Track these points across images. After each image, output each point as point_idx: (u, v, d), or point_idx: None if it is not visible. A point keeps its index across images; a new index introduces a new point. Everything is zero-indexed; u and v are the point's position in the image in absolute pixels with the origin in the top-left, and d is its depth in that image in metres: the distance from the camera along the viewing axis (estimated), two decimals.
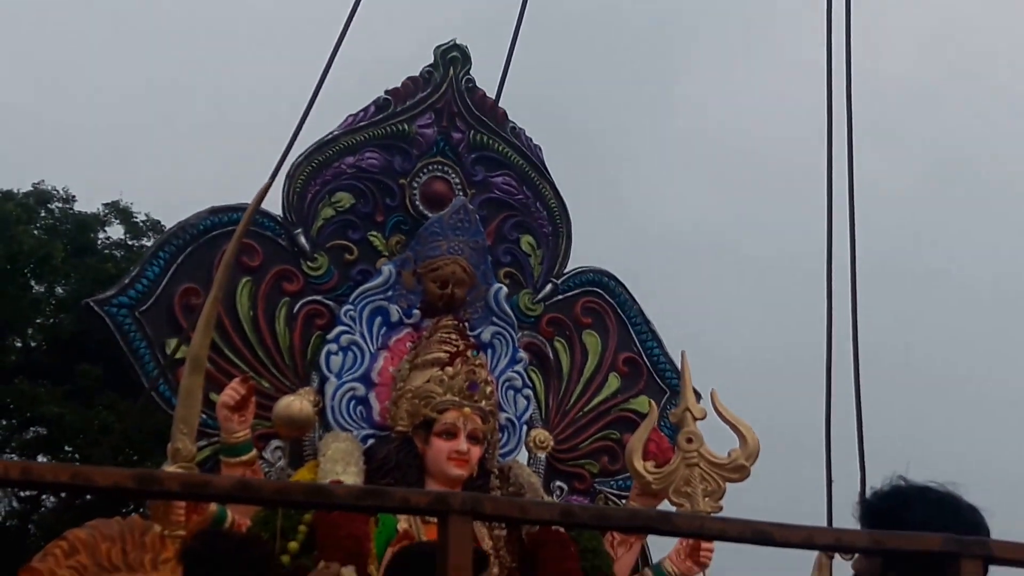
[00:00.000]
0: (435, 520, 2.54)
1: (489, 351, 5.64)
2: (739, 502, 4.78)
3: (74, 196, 17.84)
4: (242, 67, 31.00)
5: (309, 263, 5.62)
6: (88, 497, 14.70)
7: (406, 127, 5.88)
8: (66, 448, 15.84)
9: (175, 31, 31.58)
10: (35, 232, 16.88)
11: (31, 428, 17.15)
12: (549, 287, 6.08)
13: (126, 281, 5.39)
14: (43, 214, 17.61)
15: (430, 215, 5.66)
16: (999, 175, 27.94)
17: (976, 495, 3.01)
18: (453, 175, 5.90)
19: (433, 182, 5.86)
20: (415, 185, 5.84)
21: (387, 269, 5.60)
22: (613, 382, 6.06)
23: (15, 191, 17.17)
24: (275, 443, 5.27)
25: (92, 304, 5.33)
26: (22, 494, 17.50)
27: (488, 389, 5.22)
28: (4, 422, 17.38)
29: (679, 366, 5.57)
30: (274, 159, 5.44)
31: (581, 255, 6.26)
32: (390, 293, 5.57)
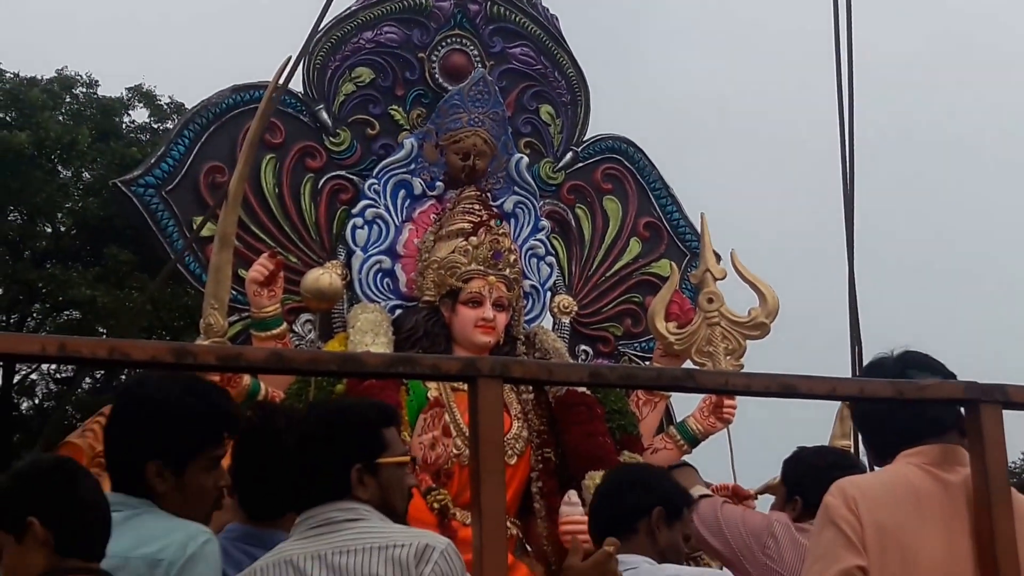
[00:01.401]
0: (464, 388, 2.61)
1: (512, 220, 5.71)
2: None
3: (97, 81, 17.85)
4: None
5: (332, 139, 5.67)
6: (123, 377, 14.96)
7: (423, 0, 5.88)
8: (99, 330, 16.04)
9: None
10: (60, 118, 16.91)
11: (64, 312, 17.37)
12: (569, 155, 6.13)
13: (152, 161, 5.46)
14: (68, 100, 17.63)
15: (450, 88, 5.68)
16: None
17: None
18: (471, 47, 5.91)
19: (452, 55, 5.88)
20: (434, 58, 5.86)
21: (409, 142, 5.65)
22: (634, 246, 6.13)
23: (39, 77, 17.17)
24: (305, 316, 5.38)
25: (119, 185, 5.41)
26: (59, 375, 17.80)
27: (512, 257, 5.30)
28: (38, 306, 17.61)
29: (699, 229, 5.65)
30: (295, 37, 5.47)
31: (599, 127, 6.30)
32: (413, 166, 5.63)
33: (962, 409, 2.87)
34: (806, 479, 3.77)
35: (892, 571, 2.73)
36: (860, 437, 3.08)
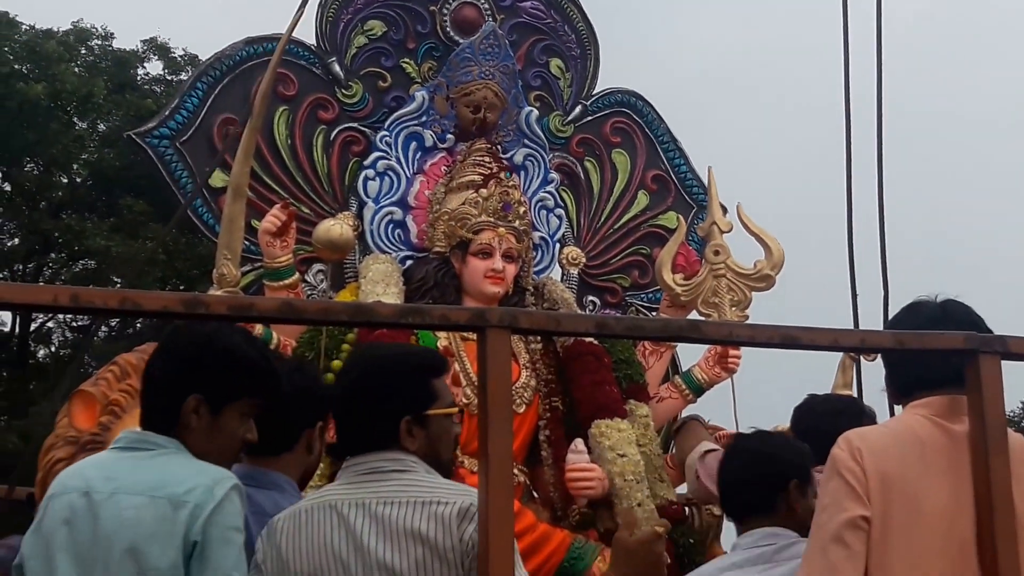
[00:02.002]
0: (474, 337, 2.64)
1: (522, 173, 5.75)
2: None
3: (113, 33, 17.89)
4: None
5: (344, 91, 5.71)
6: (139, 326, 15.07)
7: None
8: (114, 279, 16.13)
9: None
10: (76, 70, 16.93)
11: (79, 261, 17.46)
12: (579, 109, 6.17)
13: (166, 113, 5.51)
14: (83, 52, 17.65)
15: (461, 41, 5.71)
16: None
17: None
18: (482, 0, 5.93)
19: (463, 8, 5.90)
20: (445, 12, 5.88)
21: (420, 95, 5.69)
22: (642, 199, 6.18)
23: (55, 30, 17.19)
24: (317, 267, 5.44)
25: (134, 136, 5.46)
26: (75, 324, 17.92)
27: (521, 209, 5.35)
28: (53, 255, 17.71)
29: (706, 183, 5.69)
30: None
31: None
32: (424, 119, 5.66)
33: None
34: (814, 426, 3.82)
35: (897, 520, 2.78)
36: (885, 376, 3.10)
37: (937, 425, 2.90)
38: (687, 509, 4.99)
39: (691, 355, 5.64)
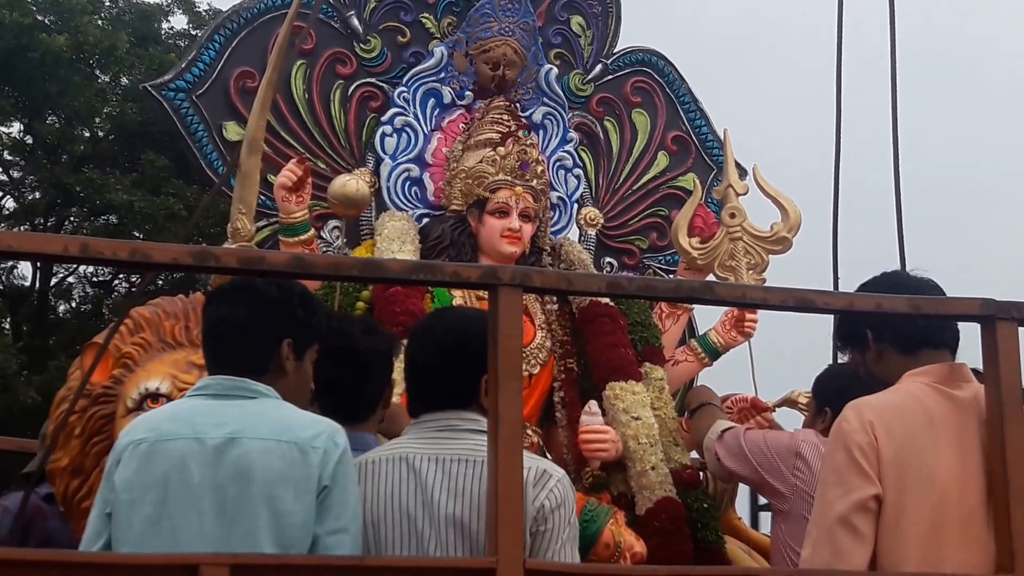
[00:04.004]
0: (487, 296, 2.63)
1: (540, 131, 5.70)
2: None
3: None
4: None
5: (362, 45, 5.67)
6: (160, 282, 15.09)
7: None
8: (136, 235, 16.15)
9: None
10: (99, 23, 16.90)
11: (101, 216, 17.48)
12: (599, 67, 6.10)
13: (182, 65, 5.47)
14: (107, 4, 17.62)
15: None
16: None
17: None
18: None
19: None
20: None
21: (439, 51, 5.64)
22: (662, 160, 6.12)
23: None
24: (333, 223, 5.41)
25: (149, 88, 5.43)
26: (96, 279, 17.96)
27: (539, 168, 5.30)
28: (75, 210, 17.72)
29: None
30: None
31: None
32: (442, 75, 5.62)
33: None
34: (836, 391, 3.80)
35: (912, 493, 2.77)
36: (881, 334, 3.08)
37: (941, 392, 2.91)
38: (701, 474, 4.98)
39: (708, 320, 5.62)
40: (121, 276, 18.04)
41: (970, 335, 2.92)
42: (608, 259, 5.93)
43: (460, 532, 2.76)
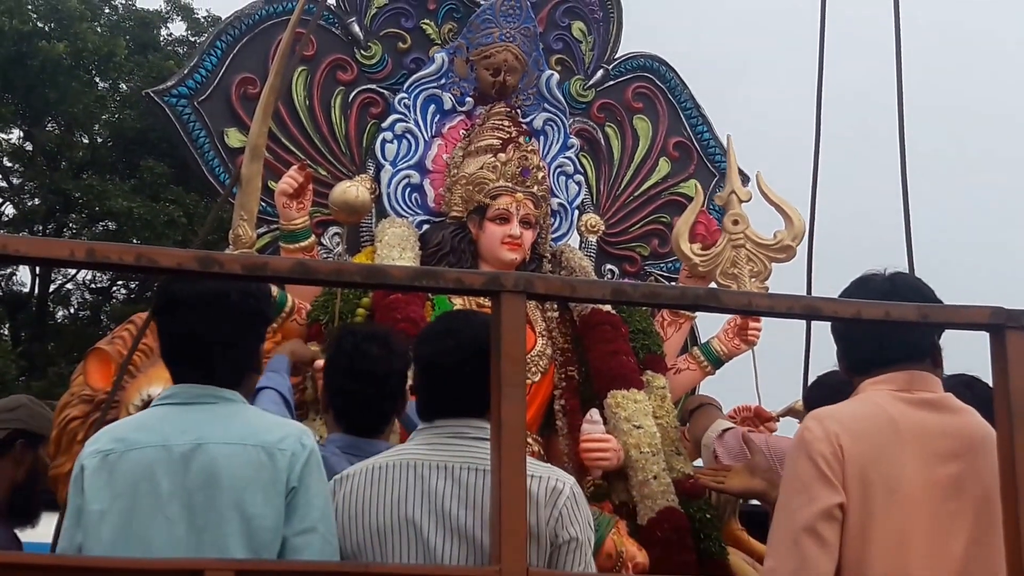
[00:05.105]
0: (489, 303, 2.62)
1: (541, 137, 5.68)
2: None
3: None
4: None
5: (363, 52, 5.65)
6: (156, 287, 15.09)
7: None
8: (135, 241, 16.15)
9: None
10: (98, 29, 16.92)
11: (100, 223, 17.49)
12: (600, 73, 6.08)
13: (185, 71, 5.47)
14: (106, 11, 17.64)
15: (482, 2, 5.63)
16: None
17: None
18: None
19: None
20: None
21: (440, 57, 5.63)
22: (663, 166, 6.09)
23: None
24: (333, 229, 5.39)
25: (152, 94, 5.42)
26: (94, 285, 17.96)
27: (540, 175, 5.29)
28: (74, 216, 17.73)
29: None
30: None
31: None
32: (443, 81, 5.61)
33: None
34: (824, 399, 3.78)
35: (876, 502, 2.75)
36: (838, 352, 3.08)
37: (904, 400, 2.89)
38: None
39: (710, 328, 5.59)
40: (120, 283, 18.05)
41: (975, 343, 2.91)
42: (609, 266, 5.91)
43: (471, 543, 2.74)
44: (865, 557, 2.72)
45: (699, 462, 4.94)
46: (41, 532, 3.75)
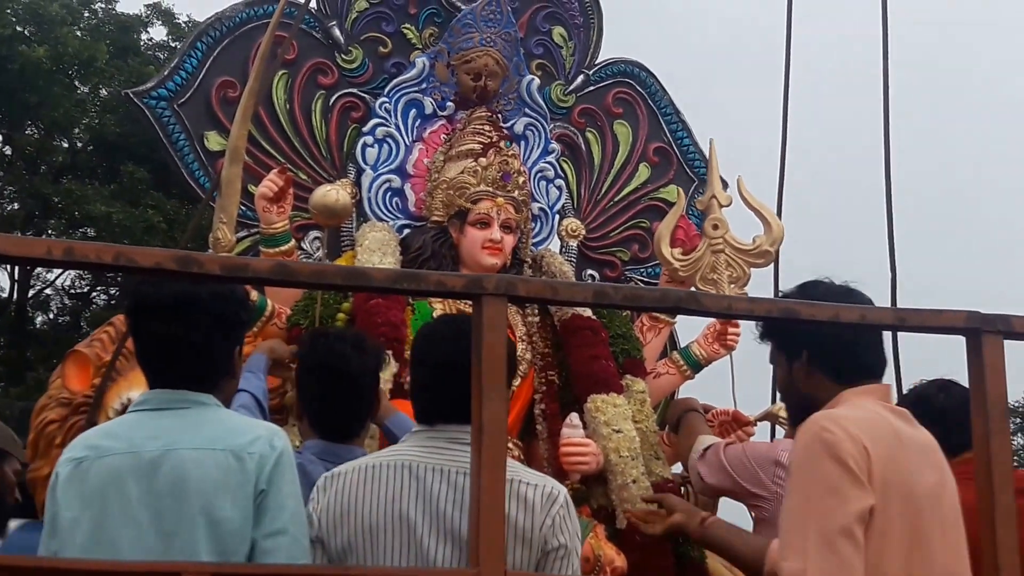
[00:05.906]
0: (470, 305, 2.62)
1: (522, 142, 5.69)
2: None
3: None
4: None
5: (344, 56, 5.65)
6: (127, 288, 15.04)
7: None
8: None
9: None
10: (79, 34, 16.89)
11: (80, 228, 17.44)
12: (581, 78, 6.09)
13: (164, 74, 5.45)
14: (86, 16, 17.60)
15: (463, 7, 5.64)
16: None
17: None
18: None
19: None
20: None
21: (421, 61, 5.63)
22: (643, 171, 6.10)
23: None
24: (314, 234, 5.39)
25: (131, 96, 5.40)
26: (74, 291, 17.90)
27: (521, 179, 5.29)
28: (53, 221, 17.67)
29: (708, 155, 5.63)
30: None
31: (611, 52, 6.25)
32: (424, 85, 5.60)
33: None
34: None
35: (895, 507, 2.75)
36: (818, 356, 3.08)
37: (891, 411, 2.91)
38: (683, 488, 4.96)
39: (689, 333, 5.60)
40: (99, 288, 17.98)
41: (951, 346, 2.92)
42: (590, 271, 5.92)
43: (464, 546, 2.74)
44: (884, 559, 2.73)
45: (678, 467, 4.94)
46: None
